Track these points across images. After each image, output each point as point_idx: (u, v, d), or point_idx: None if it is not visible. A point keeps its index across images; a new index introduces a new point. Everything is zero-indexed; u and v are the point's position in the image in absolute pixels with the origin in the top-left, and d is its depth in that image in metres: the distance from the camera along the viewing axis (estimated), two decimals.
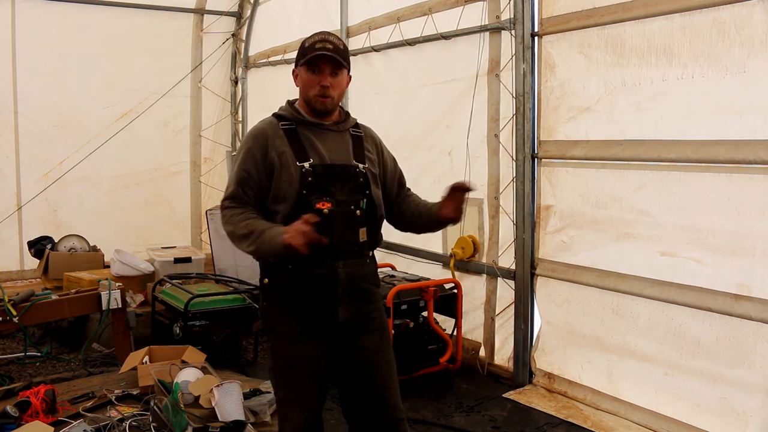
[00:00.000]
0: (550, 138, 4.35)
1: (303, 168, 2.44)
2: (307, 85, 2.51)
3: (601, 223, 4.06)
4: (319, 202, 2.43)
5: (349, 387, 2.60)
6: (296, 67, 2.57)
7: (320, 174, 2.46)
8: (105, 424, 3.46)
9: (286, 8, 7.24)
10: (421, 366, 4.52)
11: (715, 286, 3.47)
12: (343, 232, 2.47)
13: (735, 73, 3.33)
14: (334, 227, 2.43)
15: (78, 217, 7.10)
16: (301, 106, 2.59)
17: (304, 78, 2.52)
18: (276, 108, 2.66)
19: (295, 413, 2.52)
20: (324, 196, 2.44)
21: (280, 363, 2.54)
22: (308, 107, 2.55)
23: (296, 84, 2.59)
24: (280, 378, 2.55)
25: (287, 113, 2.58)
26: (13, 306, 4.32)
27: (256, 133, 2.56)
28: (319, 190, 2.45)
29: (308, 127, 2.55)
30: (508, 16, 4.51)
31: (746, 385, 3.37)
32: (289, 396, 2.53)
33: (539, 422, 4.01)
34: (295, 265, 2.44)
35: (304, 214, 2.34)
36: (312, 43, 2.49)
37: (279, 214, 2.46)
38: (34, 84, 7.01)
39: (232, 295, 5.04)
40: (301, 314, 2.50)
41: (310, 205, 2.42)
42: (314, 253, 2.34)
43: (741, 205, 3.36)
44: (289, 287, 2.49)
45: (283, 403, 2.57)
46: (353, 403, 2.62)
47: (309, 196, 2.43)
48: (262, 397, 3.79)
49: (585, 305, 4.19)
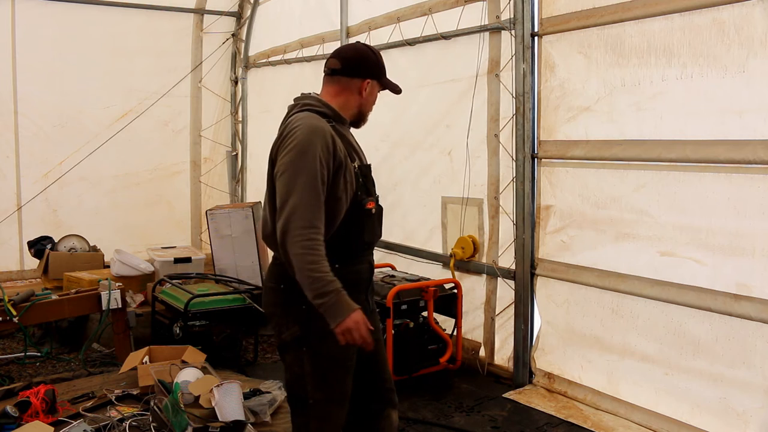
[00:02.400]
0: (550, 138, 4.35)
1: (355, 168, 2.49)
2: (374, 101, 2.65)
3: (600, 223, 4.06)
4: (368, 202, 2.52)
5: (358, 367, 2.61)
6: (370, 78, 2.59)
7: (365, 174, 2.55)
8: (105, 424, 3.46)
9: (286, 8, 7.24)
10: (421, 366, 4.52)
11: (714, 286, 3.47)
12: (380, 228, 2.65)
13: (734, 73, 3.33)
14: (377, 225, 2.60)
15: (78, 217, 7.11)
16: (342, 108, 2.55)
17: (374, 94, 2.63)
18: (277, 108, 2.65)
19: (337, 412, 2.54)
20: (369, 196, 2.55)
21: (323, 363, 2.48)
22: (354, 116, 2.60)
23: (363, 93, 2.57)
24: (321, 379, 2.49)
25: (329, 111, 2.50)
26: (13, 306, 4.32)
27: (322, 132, 2.39)
28: (366, 190, 2.53)
29: (343, 126, 2.57)
30: (508, 16, 4.51)
31: (746, 385, 3.38)
32: (334, 395, 2.52)
33: (539, 422, 4.01)
34: (343, 263, 2.46)
35: (358, 213, 2.47)
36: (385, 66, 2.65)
37: (337, 214, 2.42)
38: (34, 84, 7.01)
39: (232, 295, 5.04)
40: None
41: (362, 204, 2.49)
42: (362, 250, 2.55)
43: (741, 205, 3.36)
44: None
45: (323, 404, 2.51)
46: (359, 385, 2.63)
47: (362, 196, 2.49)
48: (262, 397, 3.79)
49: (585, 305, 4.19)
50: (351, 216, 2.45)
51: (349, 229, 2.46)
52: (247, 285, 5.39)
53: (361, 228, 2.50)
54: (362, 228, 2.50)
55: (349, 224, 2.46)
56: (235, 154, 8.27)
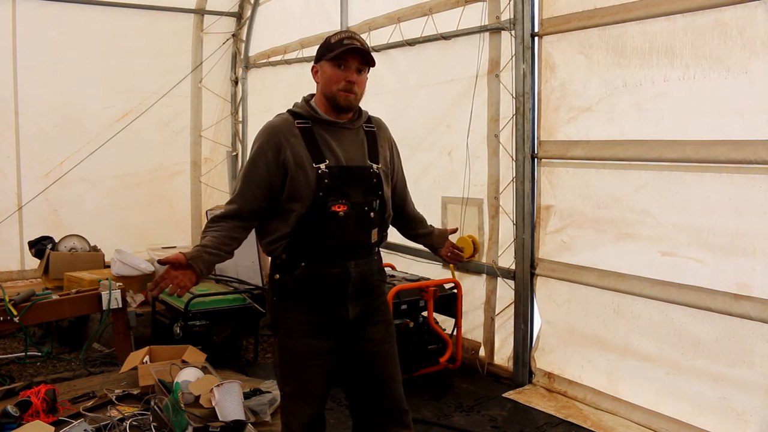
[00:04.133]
0: (551, 138, 4.35)
1: (319, 170, 2.43)
2: (332, 80, 2.46)
3: (601, 223, 4.06)
4: (335, 204, 2.44)
5: (355, 379, 2.61)
6: (317, 63, 2.53)
7: (336, 176, 2.46)
8: (105, 423, 3.46)
9: (286, 9, 7.24)
10: (421, 366, 4.52)
11: (715, 286, 3.47)
12: (357, 233, 2.51)
13: (737, 74, 3.33)
14: (349, 229, 2.47)
15: (78, 217, 7.10)
16: (318, 104, 2.54)
17: (329, 73, 2.47)
18: (277, 108, 2.66)
19: (302, 408, 2.53)
20: (340, 199, 2.45)
21: (288, 357, 2.54)
22: (329, 104, 2.51)
23: (316, 80, 2.54)
24: (288, 373, 2.54)
25: (303, 111, 2.53)
26: (13, 306, 4.32)
27: (270, 130, 2.50)
28: (335, 192, 2.45)
29: (324, 126, 2.52)
30: (508, 16, 4.52)
31: (746, 384, 3.38)
32: (296, 391, 2.54)
33: (539, 422, 4.01)
34: (309, 262, 2.48)
35: (320, 214, 2.41)
36: (339, 39, 2.46)
37: (294, 213, 2.45)
38: (35, 84, 7.01)
39: (233, 295, 5.04)
40: (311, 310, 2.51)
41: (327, 207, 2.43)
42: (329, 253, 2.46)
43: (742, 205, 3.36)
44: (301, 284, 2.50)
45: (289, 398, 2.56)
46: (359, 395, 2.63)
47: (325, 198, 2.43)
48: (263, 397, 3.79)
49: (586, 305, 4.19)
50: (312, 217, 2.43)
51: (311, 230, 2.44)
52: (247, 285, 5.39)
53: (323, 230, 2.44)
54: (325, 230, 2.44)
55: (311, 225, 2.44)
56: (236, 155, 8.27)
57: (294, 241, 2.47)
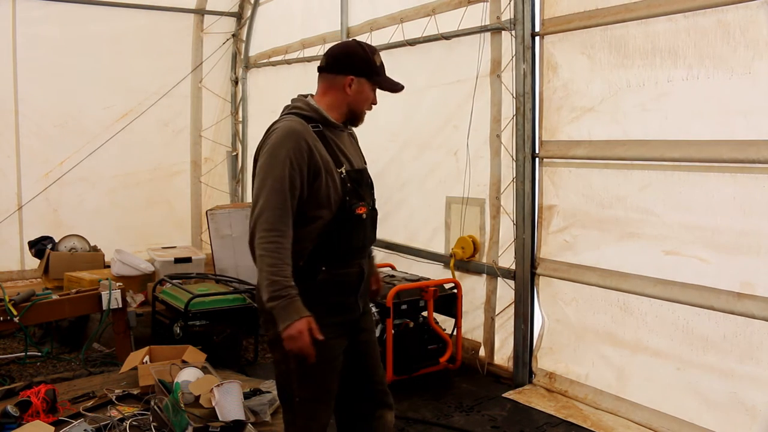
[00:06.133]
0: (553, 138, 4.34)
1: (342, 173, 2.45)
2: (365, 100, 2.54)
3: (605, 222, 4.06)
4: (357, 207, 2.48)
5: (348, 369, 2.60)
6: (356, 76, 2.49)
7: (354, 179, 2.49)
8: (105, 423, 3.45)
9: (287, 9, 7.24)
10: (421, 366, 4.52)
11: (719, 285, 3.46)
12: (372, 232, 2.60)
13: (740, 75, 3.33)
14: (367, 229, 2.55)
15: (78, 217, 7.10)
16: (328, 108, 2.51)
17: (365, 92, 2.52)
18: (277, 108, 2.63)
19: (325, 411, 2.54)
20: (360, 201, 2.49)
21: (307, 362, 2.45)
22: (348, 115, 2.54)
23: (347, 90, 2.50)
24: (308, 378, 2.47)
25: (314, 114, 2.48)
26: (13, 306, 4.31)
27: (296, 136, 2.38)
28: (356, 195, 2.48)
29: (330, 129, 2.51)
30: (508, 16, 4.51)
31: (755, 380, 3.37)
32: (318, 394, 2.52)
33: (539, 422, 4.00)
34: (330, 266, 2.47)
35: (347, 218, 2.44)
36: (381, 63, 2.54)
37: (321, 220, 2.42)
38: (35, 84, 7.01)
39: (233, 295, 5.03)
40: (333, 312, 2.50)
41: (352, 210, 2.45)
42: (349, 254, 2.50)
43: (746, 204, 3.36)
44: (326, 288, 2.48)
45: (309, 402, 2.51)
46: (346, 386, 2.62)
47: (351, 201, 2.45)
48: (263, 397, 3.79)
49: (593, 303, 4.17)
50: (339, 221, 2.44)
51: (338, 234, 2.45)
52: (248, 285, 5.39)
53: (349, 233, 2.47)
54: (351, 233, 2.48)
55: (338, 229, 2.45)
56: (236, 155, 8.27)
57: (316, 248, 2.44)
